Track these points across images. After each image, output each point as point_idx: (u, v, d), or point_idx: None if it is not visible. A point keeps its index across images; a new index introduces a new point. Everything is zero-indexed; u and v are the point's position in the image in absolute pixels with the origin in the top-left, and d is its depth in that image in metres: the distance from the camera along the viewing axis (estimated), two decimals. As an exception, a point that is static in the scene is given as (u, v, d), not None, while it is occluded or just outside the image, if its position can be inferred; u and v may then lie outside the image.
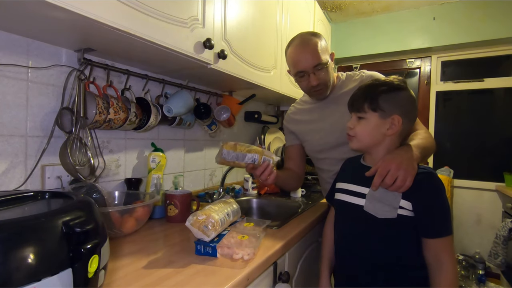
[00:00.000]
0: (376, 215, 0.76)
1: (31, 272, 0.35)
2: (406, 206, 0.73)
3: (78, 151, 0.89)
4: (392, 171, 0.72)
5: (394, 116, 0.77)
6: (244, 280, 0.67)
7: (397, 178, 0.72)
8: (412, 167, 0.73)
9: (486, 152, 2.38)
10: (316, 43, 1.06)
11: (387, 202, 0.75)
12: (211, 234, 0.77)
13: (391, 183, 0.72)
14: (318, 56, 1.04)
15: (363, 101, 0.80)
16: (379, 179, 0.74)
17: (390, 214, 0.74)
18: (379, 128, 0.79)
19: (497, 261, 1.89)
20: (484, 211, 2.31)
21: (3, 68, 0.79)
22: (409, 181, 0.71)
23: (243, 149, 0.95)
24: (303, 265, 1.09)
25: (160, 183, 1.14)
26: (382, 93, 0.78)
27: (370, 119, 0.79)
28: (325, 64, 1.05)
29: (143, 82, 1.15)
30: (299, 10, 1.77)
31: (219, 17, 1.06)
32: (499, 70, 2.36)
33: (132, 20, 0.75)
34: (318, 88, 1.09)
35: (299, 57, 1.07)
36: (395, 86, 0.79)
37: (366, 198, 0.79)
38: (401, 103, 0.78)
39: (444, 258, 0.72)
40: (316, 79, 1.06)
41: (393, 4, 2.41)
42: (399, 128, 0.78)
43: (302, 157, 1.27)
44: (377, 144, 0.81)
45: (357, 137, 0.81)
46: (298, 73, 1.09)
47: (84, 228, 0.42)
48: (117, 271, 0.66)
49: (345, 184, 0.88)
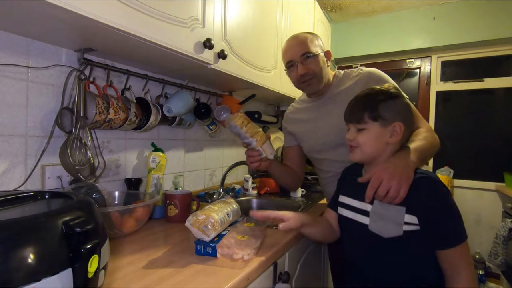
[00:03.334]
0: (382, 234, 0.72)
1: (31, 272, 0.35)
2: (411, 221, 0.70)
3: (78, 151, 0.89)
4: (384, 182, 0.69)
5: (396, 124, 0.75)
6: (244, 280, 0.67)
7: (390, 189, 0.68)
8: (406, 176, 0.69)
9: (486, 152, 2.38)
10: (306, 36, 1.08)
11: (391, 218, 0.71)
12: (211, 234, 0.77)
13: (384, 194, 0.69)
14: (305, 46, 1.06)
15: (362, 112, 0.77)
16: (371, 191, 0.71)
17: (396, 232, 0.70)
18: (382, 137, 0.76)
19: (497, 261, 1.89)
20: (484, 211, 2.32)
21: (3, 68, 0.79)
22: (403, 191, 0.68)
23: (249, 130, 0.98)
24: (303, 265, 1.09)
25: (160, 183, 1.14)
26: (381, 101, 0.76)
27: (371, 129, 0.76)
28: (313, 53, 1.05)
29: (143, 82, 1.15)
30: (299, 10, 1.77)
31: (219, 17, 1.06)
32: (499, 70, 2.36)
33: (132, 20, 0.75)
34: (306, 78, 1.07)
35: (287, 48, 1.11)
36: (392, 94, 0.78)
37: (370, 217, 0.76)
38: (400, 110, 0.77)
39: (462, 266, 0.68)
40: (303, 68, 1.06)
41: (393, 4, 2.41)
42: (401, 135, 0.76)
43: (300, 158, 1.26)
44: (380, 153, 0.78)
45: (361, 147, 0.77)
46: (287, 64, 1.11)
47: (84, 228, 0.42)
48: (117, 271, 0.66)
49: (347, 199, 0.85)
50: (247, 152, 1.06)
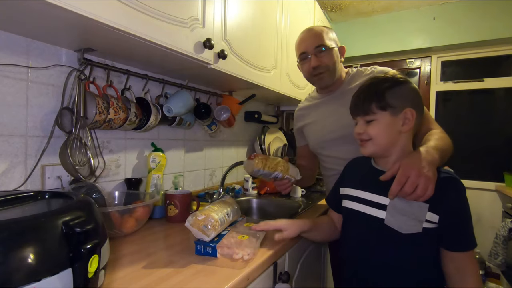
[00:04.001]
0: (400, 230, 0.69)
1: (31, 272, 0.35)
2: (431, 219, 0.67)
3: (78, 151, 0.89)
4: (412, 178, 0.65)
5: (407, 110, 0.71)
6: (244, 280, 0.67)
7: (418, 186, 0.65)
8: (433, 173, 0.67)
9: (486, 152, 2.38)
10: (322, 29, 1.08)
11: (412, 215, 0.68)
12: (211, 234, 0.77)
13: (411, 192, 0.65)
14: (320, 38, 1.05)
15: (369, 102, 0.73)
16: (397, 187, 0.66)
17: (416, 229, 0.68)
18: (394, 126, 0.72)
19: (497, 261, 1.89)
20: (484, 211, 2.32)
21: (3, 68, 0.79)
22: (430, 189, 0.65)
23: (271, 166, 0.98)
24: (303, 265, 1.09)
25: (160, 183, 1.14)
26: (388, 89, 0.72)
27: (381, 119, 0.72)
28: (328, 46, 1.05)
29: (143, 82, 1.15)
30: (299, 10, 1.77)
31: (219, 17, 1.06)
32: (499, 70, 2.36)
33: (132, 20, 0.75)
34: (318, 71, 1.06)
35: (302, 40, 1.10)
36: (398, 80, 0.74)
37: (387, 211, 0.71)
38: (409, 95, 0.73)
39: (469, 272, 0.68)
40: (316, 61, 1.05)
41: (393, 4, 2.41)
42: (414, 121, 0.72)
43: (312, 155, 1.25)
44: (394, 144, 0.74)
45: (374, 140, 0.73)
46: (301, 55, 1.11)
47: (84, 228, 0.42)
48: (117, 271, 0.66)
49: (355, 191, 0.81)
50: (275, 182, 1.06)
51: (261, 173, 0.98)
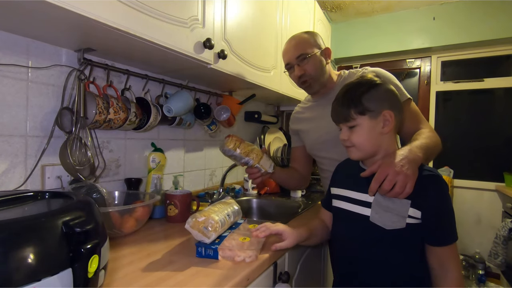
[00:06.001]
0: (385, 226, 0.71)
1: (31, 272, 0.35)
2: (414, 215, 0.70)
3: (78, 151, 0.89)
4: (390, 176, 0.68)
5: (385, 112, 0.74)
6: (244, 280, 0.67)
7: (396, 183, 0.67)
8: (412, 171, 0.69)
9: (486, 152, 2.38)
10: (302, 36, 1.10)
11: (395, 211, 0.70)
12: (211, 236, 0.76)
13: (389, 189, 0.68)
14: (300, 48, 1.07)
15: (347, 109, 0.75)
16: (375, 185, 0.69)
17: (399, 224, 0.70)
18: (375, 129, 0.75)
19: (497, 261, 1.89)
20: (484, 211, 2.31)
21: (3, 68, 0.79)
22: (409, 187, 0.67)
23: (244, 150, 0.98)
24: (303, 265, 1.09)
25: (160, 183, 1.14)
26: (363, 93, 0.74)
27: (362, 124, 0.75)
28: (307, 55, 1.06)
29: (143, 82, 1.15)
30: (299, 10, 1.77)
31: (219, 17, 1.06)
32: (499, 70, 2.36)
33: (132, 20, 0.75)
34: (303, 79, 1.09)
35: (284, 51, 1.13)
36: (373, 83, 0.76)
37: (372, 208, 0.74)
38: (385, 97, 0.75)
39: (451, 266, 0.70)
40: (300, 70, 1.08)
41: (393, 4, 2.41)
42: (394, 122, 0.75)
43: (306, 158, 1.26)
44: (378, 146, 0.76)
45: (357, 146, 0.76)
46: (286, 66, 1.14)
47: (84, 228, 0.42)
48: (117, 271, 0.66)
49: (344, 191, 0.83)
50: (247, 170, 1.08)
51: (232, 154, 0.99)
